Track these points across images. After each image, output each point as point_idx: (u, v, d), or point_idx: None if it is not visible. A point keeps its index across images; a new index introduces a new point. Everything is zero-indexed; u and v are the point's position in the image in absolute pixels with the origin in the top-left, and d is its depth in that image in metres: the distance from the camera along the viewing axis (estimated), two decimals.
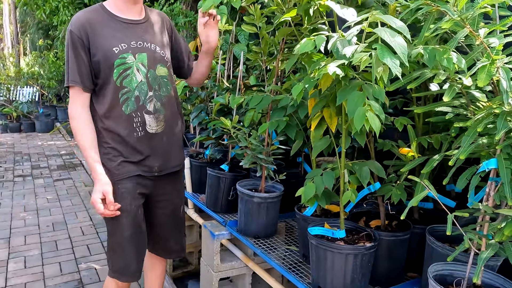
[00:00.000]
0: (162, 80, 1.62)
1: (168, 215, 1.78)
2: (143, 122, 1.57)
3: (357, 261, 1.36)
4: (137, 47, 1.55)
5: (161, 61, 1.62)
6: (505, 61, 1.10)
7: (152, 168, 1.64)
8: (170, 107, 1.65)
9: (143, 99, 1.56)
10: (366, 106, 1.08)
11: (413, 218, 1.68)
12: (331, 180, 1.41)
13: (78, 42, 1.47)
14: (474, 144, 1.11)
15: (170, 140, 1.67)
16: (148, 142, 1.60)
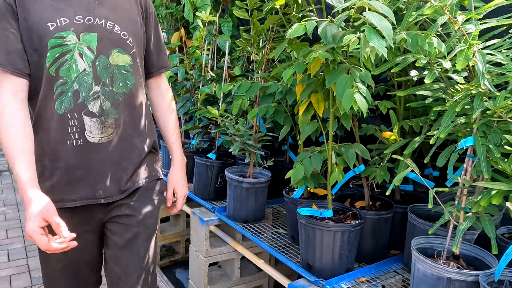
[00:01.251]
0: (119, 72, 1.18)
1: (121, 246, 1.26)
2: (80, 127, 1.14)
3: (345, 238, 1.44)
4: (84, 23, 1.12)
5: (121, 45, 1.18)
6: (480, 46, 1.19)
7: (94, 193, 1.19)
8: (128, 110, 1.22)
9: (84, 95, 1.13)
10: (354, 88, 1.14)
11: (395, 199, 1.77)
12: (319, 162, 1.47)
13: (6, 9, 1.06)
14: (453, 123, 1.19)
15: (126, 156, 1.23)
16: (88, 155, 1.16)
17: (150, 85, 1.40)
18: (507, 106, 1.05)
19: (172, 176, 1.43)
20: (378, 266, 1.56)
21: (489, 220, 1.18)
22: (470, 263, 1.25)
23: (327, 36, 1.17)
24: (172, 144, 1.43)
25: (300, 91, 1.51)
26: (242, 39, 1.89)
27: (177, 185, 1.42)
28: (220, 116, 2.01)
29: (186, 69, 2.79)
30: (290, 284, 1.45)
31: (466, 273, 1.12)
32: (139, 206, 1.29)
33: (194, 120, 2.64)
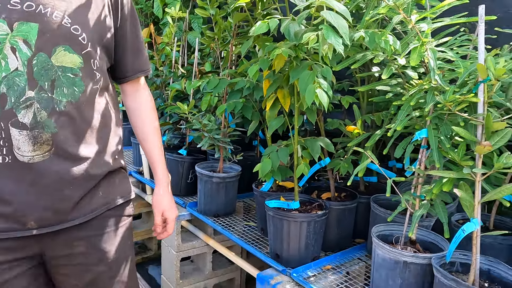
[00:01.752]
0: (64, 75, 0.95)
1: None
2: (7, 141, 0.91)
3: (310, 228, 1.49)
4: (21, 9, 0.91)
5: (69, 41, 0.95)
6: (434, 44, 1.27)
7: (24, 222, 0.95)
8: (74, 125, 0.98)
9: (13, 101, 0.91)
10: (315, 83, 1.19)
11: (360, 190, 1.85)
12: (285, 155, 1.52)
13: None
14: (408, 116, 1.26)
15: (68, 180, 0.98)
16: (16, 176, 0.93)
17: (126, 91, 1.20)
18: (456, 100, 1.12)
19: (158, 199, 1.22)
20: (343, 254, 1.63)
21: (442, 207, 1.27)
22: (427, 248, 1.33)
23: (290, 34, 1.21)
24: (155, 160, 1.22)
25: (266, 86, 1.55)
26: (206, 36, 1.92)
27: (166, 209, 1.22)
28: (190, 112, 2.03)
29: (156, 65, 2.78)
30: (259, 274, 1.50)
31: (420, 256, 1.20)
32: (99, 240, 1.06)
33: (165, 116, 2.64)
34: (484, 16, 1.09)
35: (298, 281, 1.42)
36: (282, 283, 1.43)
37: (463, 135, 1.10)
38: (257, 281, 1.50)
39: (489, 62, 1.02)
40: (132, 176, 2.70)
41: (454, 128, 1.10)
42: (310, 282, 1.41)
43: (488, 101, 1.10)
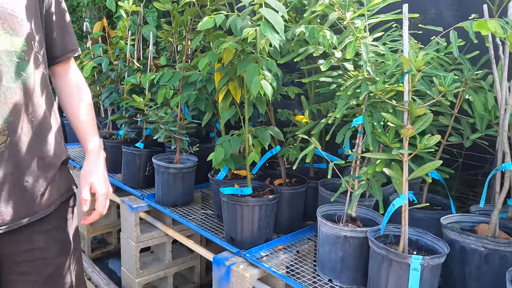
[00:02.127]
0: (8, 60, 0.92)
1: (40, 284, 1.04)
2: None
3: (262, 211, 1.59)
4: None
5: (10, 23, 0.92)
6: (370, 39, 1.40)
7: None
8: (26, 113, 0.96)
9: None
10: (261, 75, 1.28)
11: (309, 176, 1.98)
12: (237, 144, 1.61)
13: None
14: (346, 105, 1.39)
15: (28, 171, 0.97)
16: None
17: (55, 73, 1.16)
18: (385, 89, 1.26)
19: (87, 172, 1.10)
20: (294, 235, 1.75)
21: (377, 186, 1.40)
22: (366, 224, 1.47)
23: (236, 29, 1.29)
24: (87, 132, 1.14)
25: (218, 79, 1.62)
26: (164, 30, 1.96)
27: (95, 182, 1.09)
28: (146, 105, 2.06)
29: (111, 59, 2.77)
30: (215, 257, 1.58)
31: (358, 230, 1.33)
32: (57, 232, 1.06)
33: (121, 110, 2.64)
34: (407, 14, 1.23)
35: (252, 260, 1.52)
36: (236, 263, 1.52)
37: (391, 120, 1.23)
38: (213, 264, 1.58)
39: (410, 56, 1.16)
40: None
41: (384, 114, 1.23)
42: (263, 261, 1.52)
43: (413, 89, 1.24)
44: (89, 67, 2.66)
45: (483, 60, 1.46)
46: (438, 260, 1.17)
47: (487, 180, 1.38)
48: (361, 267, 1.35)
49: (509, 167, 1.30)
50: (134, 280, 2.13)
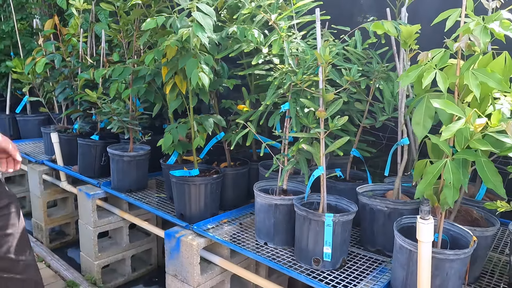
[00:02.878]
0: None
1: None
2: None
3: (207, 189, 1.81)
4: None
5: None
6: (298, 37, 1.64)
7: None
8: None
9: None
10: (199, 68, 1.49)
11: (253, 159, 2.21)
12: (184, 130, 1.80)
13: None
14: (275, 94, 1.62)
15: None
16: None
17: None
18: (304, 79, 1.50)
19: None
20: (238, 210, 1.98)
21: (304, 161, 1.65)
22: (296, 195, 1.72)
23: (177, 28, 1.49)
24: None
25: (165, 73, 1.81)
26: (112, 29, 2.10)
27: None
28: (99, 99, 2.20)
29: (63, 56, 2.85)
30: (166, 231, 1.78)
31: (286, 198, 1.58)
32: None
33: (75, 105, 2.75)
34: (319, 16, 1.48)
35: (199, 232, 1.73)
36: (185, 235, 1.73)
37: (309, 105, 1.48)
38: (165, 238, 1.78)
39: (321, 50, 1.41)
40: (45, 165, 2.77)
41: (303, 100, 1.48)
42: (209, 232, 1.73)
43: (326, 78, 1.50)
44: (42, 63, 2.73)
45: (389, 55, 1.75)
46: (347, 217, 1.43)
47: (390, 153, 1.68)
48: (290, 230, 1.60)
49: (406, 141, 1.59)
50: (93, 263, 2.27)
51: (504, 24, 1.06)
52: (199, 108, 2.29)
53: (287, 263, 1.49)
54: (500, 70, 1.09)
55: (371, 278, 1.41)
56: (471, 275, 1.39)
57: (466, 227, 1.31)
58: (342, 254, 1.47)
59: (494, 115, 0.97)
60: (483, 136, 1.04)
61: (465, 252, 1.17)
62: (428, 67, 1.11)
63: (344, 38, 1.68)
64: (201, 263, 1.71)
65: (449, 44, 1.14)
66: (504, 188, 1.14)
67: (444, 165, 1.09)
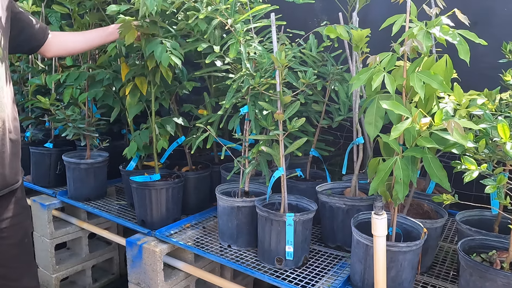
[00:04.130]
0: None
1: (17, 245, 1.31)
2: None
3: (169, 193, 1.79)
4: None
5: None
6: (256, 41, 1.66)
7: None
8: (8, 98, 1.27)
9: None
10: (168, 52, 1.49)
11: (215, 162, 2.21)
12: (146, 136, 1.78)
13: None
14: (234, 97, 1.64)
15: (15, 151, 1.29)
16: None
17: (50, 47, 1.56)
18: (261, 83, 1.53)
19: None
20: (201, 214, 1.97)
21: (264, 163, 1.68)
22: (258, 197, 1.74)
23: None
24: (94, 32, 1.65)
25: (125, 72, 1.77)
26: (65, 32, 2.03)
27: None
28: (52, 105, 2.12)
29: (12, 61, 2.71)
30: (128, 239, 1.74)
31: (247, 200, 1.60)
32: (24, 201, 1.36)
33: (26, 112, 2.62)
34: (274, 21, 1.51)
35: (162, 238, 1.71)
36: (147, 242, 1.70)
37: (267, 107, 1.51)
38: (126, 246, 1.74)
39: (277, 54, 1.44)
40: None
41: (261, 103, 1.51)
42: (172, 237, 1.72)
43: (283, 81, 1.53)
44: None
45: (343, 57, 1.82)
46: (307, 215, 1.48)
47: (346, 152, 1.74)
48: (253, 232, 1.62)
49: (361, 140, 1.66)
50: (50, 276, 2.18)
51: (444, 29, 1.14)
52: (159, 112, 2.26)
53: (251, 264, 1.51)
54: (442, 72, 1.17)
55: (332, 273, 1.46)
56: (424, 265, 1.47)
57: (417, 220, 1.38)
58: (304, 252, 1.51)
59: (437, 115, 1.04)
60: (430, 134, 1.12)
61: (417, 243, 1.24)
62: (377, 70, 1.17)
63: (299, 41, 1.73)
64: (164, 269, 1.69)
65: (395, 47, 1.21)
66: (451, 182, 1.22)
67: (395, 162, 1.15)
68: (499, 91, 1.37)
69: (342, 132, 2.28)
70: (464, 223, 1.43)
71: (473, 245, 1.24)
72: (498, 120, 1.04)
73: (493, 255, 1.16)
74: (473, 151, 1.10)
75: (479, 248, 1.24)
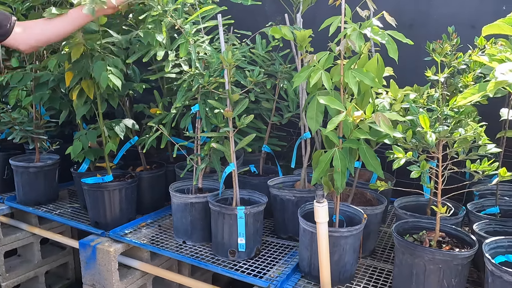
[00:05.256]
0: None
1: None
2: None
3: (122, 194, 1.79)
4: None
5: None
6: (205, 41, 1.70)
7: None
8: None
9: None
10: (108, 71, 1.49)
11: (169, 161, 2.23)
12: (94, 137, 1.77)
13: None
14: (184, 96, 1.67)
15: None
16: None
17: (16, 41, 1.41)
18: (211, 82, 1.58)
19: None
20: (157, 213, 1.99)
21: (217, 160, 1.73)
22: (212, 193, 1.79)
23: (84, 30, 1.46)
24: None
25: (69, 78, 1.75)
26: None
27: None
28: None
29: None
30: (81, 241, 1.73)
31: (200, 196, 1.64)
32: None
33: None
34: (221, 22, 1.56)
35: (116, 237, 1.71)
36: (101, 242, 1.70)
37: (216, 105, 1.56)
38: (79, 248, 1.73)
39: (225, 54, 1.49)
40: None
41: (210, 101, 1.55)
42: (127, 237, 1.72)
43: (231, 80, 1.59)
44: None
45: (290, 56, 1.90)
46: (258, 208, 1.54)
47: (295, 147, 1.83)
48: (207, 227, 1.66)
49: (308, 135, 1.75)
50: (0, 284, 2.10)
51: (374, 30, 1.24)
52: (112, 113, 2.24)
53: (205, 258, 1.56)
54: (374, 70, 1.27)
55: (282, 262, 1.53)
56: (367, 249, 1.59)
57: (360, 207, 1.49)
58: (256, 243, 1.58)
59: (368, 108, 1.13)
60: (369, 127, 1.21)
61: (357, 228, 1.34)
62: (316, 68, 1.26)
63: (246, 42, 1.79)
64: (120, 269, 1.70)
65: (332, 47, 1.30)
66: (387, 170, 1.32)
67: (334, 153, 1.24)
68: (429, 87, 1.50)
69: (295, 129, 2.37)
70: (402, 208, 1.55)
71: (406, 227, 1.36)
72: (420, 112, 1.15)
73: (422, 235, 1.27)
74: (403, 141, 1.21)
75: (412, 229, 1.36)
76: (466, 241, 1.26)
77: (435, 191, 1.22)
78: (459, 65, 1.39)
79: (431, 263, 1.16)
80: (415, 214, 1.48)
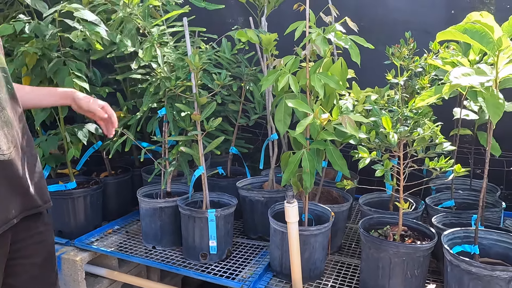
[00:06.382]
0: None
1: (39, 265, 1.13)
2: None
3: (87, 201, 1.74)
4: None
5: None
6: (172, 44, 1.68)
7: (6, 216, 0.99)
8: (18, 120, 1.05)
9: None
10: (72, 75, 1.44)
11: (135, 166, 2.19)
12: (55, 143, 1.70)
13: None
14: (150, 99, 1.65)
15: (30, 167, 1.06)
16: None
17: None
18: (178, 85, 1.57)
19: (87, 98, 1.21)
20: (124, 219, 1.95)
21: (185, 163, 1.72)
22: (181, 196, 1.78)
23: (41, 34, 1.41)
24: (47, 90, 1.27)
25: (27, 83, 1.68)
26: None
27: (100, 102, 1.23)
28: None
29: None
30: None
31: (170, 200, 1.63)
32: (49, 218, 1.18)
33: None
34: (187, 26, 1.56)
35: (82, 246, 1.66)
36: (66, 252, 1.64)
37: (184, 109, 1.56)
38: None
39: (191, 57, 1.49)
40: None
41: (177, 105, 1.55)
42: (93, 244, 1.68)
43: (198, 84, 1.59)
44: None
45: (255, 59, 1.93)
46: (228, 210, 1.55)
47: (263, 148, 1.86)
48: (177, 231, 1.65)
49: (275, 136, 1.79)
50: None
51: (338, 35, 1.29)
52: (72, 117, 2.16)
53: (177, 262, 1.55)
54: (338, 73, 1.33)
55: (254, 262, 1.56)
56: (334, 245, 1.64)
57: (327, 205, 1.54)
58: (227, 245, 1.59)
59: (334, 111, 1.18)
60: (334, 128, 1.26)
61: (326, 226, 1.39)
62: (283, 72, 1.29)
63: (212, 45, 1.80)
64: (87, 278, 1.65)
65: (298, 51, 1.34)
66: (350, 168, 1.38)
67: (302, 155, 1.27)
68: (389, 88, 1.58)
69: (261, 130, 2.40)
70: (366, 204, 1.62)
71: (372, 223, 1.43)
72: (382, 113, 1.22)
73: (387, 230, 1.34)
74: (367, 141, 1.27)
75: (377, 225, 1.42)
76: (427, 234, 1.34)
77: (397, 188, 1.29)
78: (416, 68, 1.47)
79: (396, 256, 1.23)
80: (379, 210, 1.55)
